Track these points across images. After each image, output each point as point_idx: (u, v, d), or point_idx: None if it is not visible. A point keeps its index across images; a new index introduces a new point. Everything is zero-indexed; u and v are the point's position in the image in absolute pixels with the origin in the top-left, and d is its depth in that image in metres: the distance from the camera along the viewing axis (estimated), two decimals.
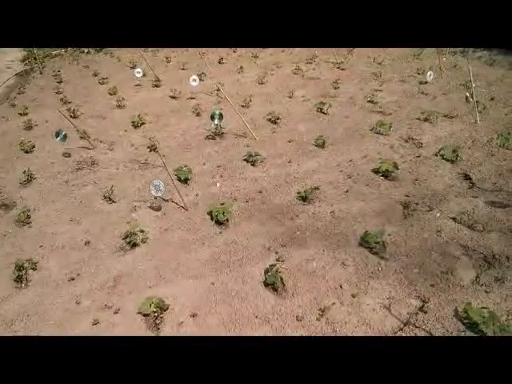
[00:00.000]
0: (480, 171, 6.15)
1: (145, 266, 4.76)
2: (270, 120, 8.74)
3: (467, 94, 8.50)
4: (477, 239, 4.69)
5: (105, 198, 6.17)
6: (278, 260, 4.64)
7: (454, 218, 5.08)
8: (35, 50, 15.77)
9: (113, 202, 6.10)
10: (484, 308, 3.64)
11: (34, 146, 8.17)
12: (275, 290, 4.22)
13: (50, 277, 4.74)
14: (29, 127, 9.26)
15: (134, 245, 5.08)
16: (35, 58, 15.60)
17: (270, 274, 4.25)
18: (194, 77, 9.60)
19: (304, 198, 5.77)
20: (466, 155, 6.68)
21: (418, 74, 11.34)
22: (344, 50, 14.39)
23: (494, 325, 3.45)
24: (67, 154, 7.83)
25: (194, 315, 4.00)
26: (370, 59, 13.41)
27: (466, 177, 6.06)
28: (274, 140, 7.93)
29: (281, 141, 7.86)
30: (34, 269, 4.81)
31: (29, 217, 5.81)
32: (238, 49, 15.96)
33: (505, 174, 5.97)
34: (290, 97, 10.23)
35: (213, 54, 15.55)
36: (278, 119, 8.68)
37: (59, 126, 8.32)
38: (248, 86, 11.53)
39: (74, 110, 9.86)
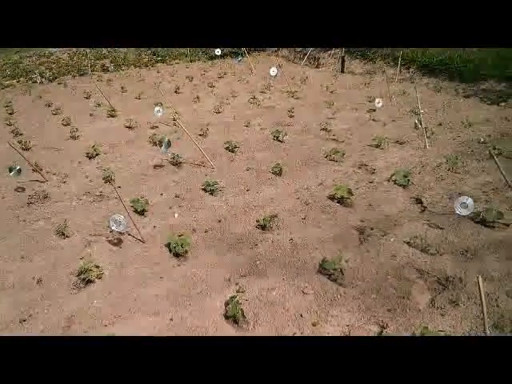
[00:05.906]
0: (431, 195, 6.38)
1: (100, 304, 4.60)
2: (227, 148, 8.79)
3: (416, 121, 8.87)
4: (430, 262, 4.83)
5: (58, 233, 5.95)
6: (238, 291, 4.60)
7: (408, 242, 5.22)
8: None
9: (66, 237, 5.88)
10: (441, 331, 3.72)
11: None
12: (236, 322, 4.17)
13: None
14: None
15: (89, 281, 4.91)
16: None
17: (230, 306, 4.21)
18: (157, 108, 9.39)
19: (263, 227, 5.79)
20: (417, 180, 6.93)
21: (369, 101, 11.76)
22: (298, 80, 14.80)
23: None
24: (20, 189, 7.56)
25: None
26: (322, 88, 13.82)
27: (418, 201, 6.26)
28: (231, 168, 7.97)
29: (239, 169, 7.91)
30: None
31: None
32: (194, 79, 16.08)
33: (454, 197, 6.20)
34: (246, 125, 10.36)
35: (169, 83, 15.61)
36: (235, 147, 8.74)
37: (10, 158, 8.06)
38: (205, 114, 11.59)
39: (26, 141, 9.58)
